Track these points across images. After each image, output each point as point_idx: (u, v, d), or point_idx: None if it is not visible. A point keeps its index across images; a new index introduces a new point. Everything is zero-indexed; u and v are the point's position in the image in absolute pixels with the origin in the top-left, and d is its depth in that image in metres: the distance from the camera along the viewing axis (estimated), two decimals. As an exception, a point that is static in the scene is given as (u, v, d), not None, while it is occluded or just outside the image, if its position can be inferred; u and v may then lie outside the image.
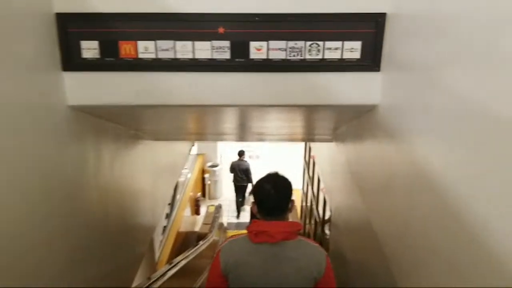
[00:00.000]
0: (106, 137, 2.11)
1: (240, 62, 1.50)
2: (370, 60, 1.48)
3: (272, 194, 1.62)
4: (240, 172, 8.82)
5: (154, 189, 3.37)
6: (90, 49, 1.52)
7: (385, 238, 1.60)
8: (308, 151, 6.07)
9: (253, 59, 1.50)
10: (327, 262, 1.65)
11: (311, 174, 5.49)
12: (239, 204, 9.27)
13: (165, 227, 6.55)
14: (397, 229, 1.43)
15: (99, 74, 1.55)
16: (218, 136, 3.46)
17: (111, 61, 1.53)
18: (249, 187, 8.76)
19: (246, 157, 9.20)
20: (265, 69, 1.51)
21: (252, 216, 1.75)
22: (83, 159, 1.78)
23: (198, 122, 2.38)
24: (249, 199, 8.78)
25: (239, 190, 9.10)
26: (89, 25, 1.49)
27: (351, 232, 2.49)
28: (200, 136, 3.46)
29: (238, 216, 9.30)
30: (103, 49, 1.52)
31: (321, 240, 4.04)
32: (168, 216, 6.93)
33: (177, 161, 4.48)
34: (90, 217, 1.89)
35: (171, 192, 5.76)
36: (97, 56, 1.53)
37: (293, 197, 1.70)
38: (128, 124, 2.27)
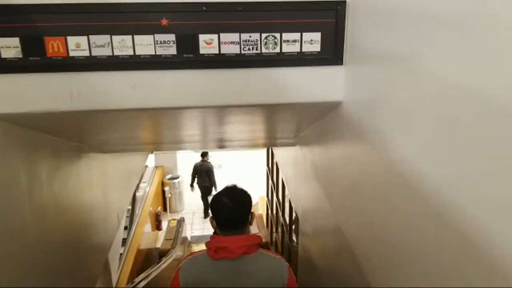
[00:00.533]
0: (42, 151, 1.86)
1: (188, 58, 1.34)
2: (332, 53, 1.37)
3: (230, 208, 1.58)
4: (203, 173, 8.83)
5: (106, 206, 3.10)
6: (10, 47, 1.30)
7: (356, 242, 1.49)
8: (270, 157, 5.96)
9: (203, 54, 1.35)
10: (289, 274, 1.62)
11: (275, 180, 5.38)
12: (206, 206, 9.22)
13: (124, 245, 6.20)
14: (369, 232, 1.32)
15: (23, 77, 1.33)
16: (175, 145, 3.25)
17: (36, 61, 1.32)
18: (213, 189, 8.80)
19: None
20: (217, 66, 1.36)
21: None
22: (10, 176, 1.54)
23: (149, 130, 2.18)
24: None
25: (203, 191, 9.10)
26: (7, 18, 1.27)
27: (320, 238, 2.37)
28: (155, 146, 3.24)
29: (205, 216, 9.27)
30: (26, 47, 1.30)
31: (289, 248, 3.91)
32: (126, 234, 6.57)
33: (132, 174, 4.20)
34: (24, 241, 1.64)
35: (127, 207, 5.44)
36: (19, 55, 1.31)
37: (253, 210, 1.67)
38: (67, 135, 2.04)
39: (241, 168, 11.52)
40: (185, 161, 11.68)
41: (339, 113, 1.48)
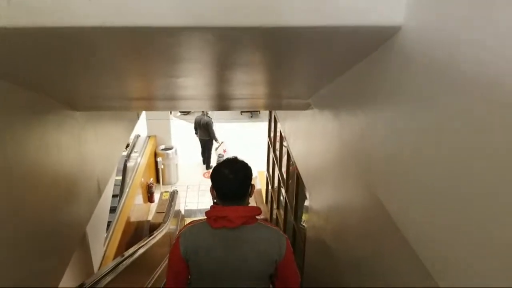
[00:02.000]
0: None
1: None
2: None
3: (230, 179, 1.63)
4: (202, 127, 9.35)
5: (83, 174, 2.69)
6: None
7: (409, 223, 1.07)
8: (273, 128, 5.49)
9: None
10: (287, 245, 1.69)
11: (277, 153, 4.96)
12: (204, 160, 9.98)
13: (111, 218, 5.85)
14: (445, 218, 0.90)
15: None
16: (165, 102, 2.75)
17: None
18: (214, 143, 9.64)
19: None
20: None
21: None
22: None
23: (127, 74, 1.70)
24: (215, 155, 9.57)
25: (202, 145, 9.79)
26: None
27: (342, 216, 1.97)
28: (142, 102, 2.75)
29: (207, 168, 9.90)
30: None
31: (294, 227, 3.53)
32: (116, 205, 6.22)
33: (117, 139, 3.76)
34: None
35: (111, 177, 5.03)
36: None
37: (253, 182, 1.73)
38: (17, 78, 1.58)
39: (240, 141, 11.10)
40: (179, 132, 11.31)
41: (395, 46, 1.03)
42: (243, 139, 11.34)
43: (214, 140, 9.56)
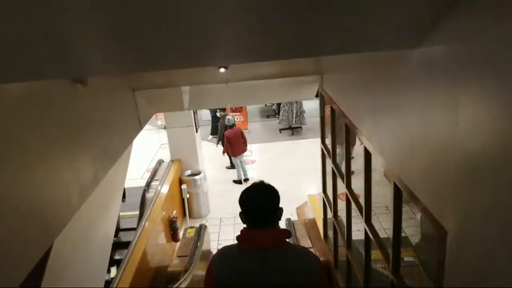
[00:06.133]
0: None
1: None
2: None
3: (258, 204, 1.79)
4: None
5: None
6: None
7: None
8: (331, 126, 3.84)
9: None
10: (319, 268, 1.78)
11: (341, 164, 3.55)
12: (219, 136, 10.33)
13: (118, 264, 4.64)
14: None
15: None
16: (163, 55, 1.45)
17: None
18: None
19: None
20: None
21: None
22: None
23: None
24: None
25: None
26: None
27: None
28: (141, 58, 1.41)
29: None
30: None
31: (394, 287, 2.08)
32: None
33: (99, 161, 2.53)
34: None
35: (102, 216, 3.82)
36: None
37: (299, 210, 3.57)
38: None
39: (282, 163, 9.84)
40: (209, 154, 10.28)
41: None
42: (285, 160, 10.10)
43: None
